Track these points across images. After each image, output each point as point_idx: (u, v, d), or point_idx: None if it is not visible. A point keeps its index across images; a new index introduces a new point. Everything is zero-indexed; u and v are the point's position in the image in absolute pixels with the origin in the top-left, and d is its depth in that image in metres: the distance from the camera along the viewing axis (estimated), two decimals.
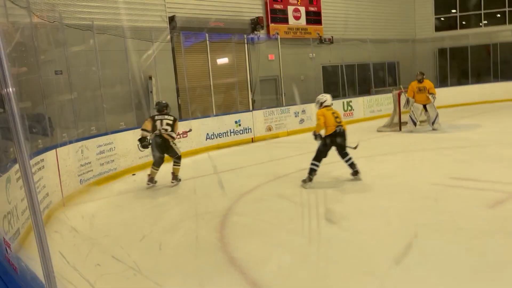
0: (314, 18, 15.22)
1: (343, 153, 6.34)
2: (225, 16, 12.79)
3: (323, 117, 6.17)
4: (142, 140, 6.88)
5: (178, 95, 11.65)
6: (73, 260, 3.94)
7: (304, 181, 6.20)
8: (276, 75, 14.14)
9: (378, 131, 11.72)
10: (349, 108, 14.38)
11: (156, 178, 7.08)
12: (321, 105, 6.42)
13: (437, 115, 10.83)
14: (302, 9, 14.81)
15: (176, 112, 11.48)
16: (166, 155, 7.12)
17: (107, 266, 3.87)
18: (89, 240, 4.56)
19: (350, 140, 6.37)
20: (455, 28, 19.15)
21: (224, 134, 11.06)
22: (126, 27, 9.97)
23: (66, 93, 7.32)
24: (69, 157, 6.55)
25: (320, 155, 6.21)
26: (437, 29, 19.21)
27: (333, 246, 3.91)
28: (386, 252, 3.68)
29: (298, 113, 12.81)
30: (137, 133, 8.68)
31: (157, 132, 6.86)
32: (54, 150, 6.09)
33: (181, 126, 9.36)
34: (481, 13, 18.99)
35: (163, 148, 6.93)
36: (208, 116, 11.14)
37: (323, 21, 15.47)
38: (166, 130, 6.90)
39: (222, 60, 13.06)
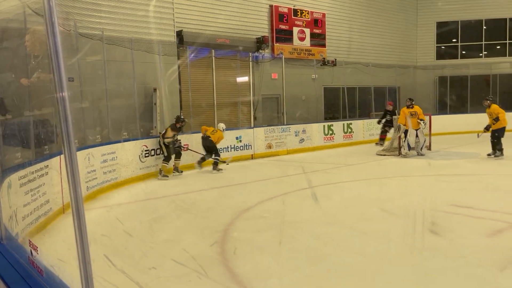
0: (319, 40, 15.48)
1: None
2: (231, 34, 13.00)
3: None
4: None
5: (181, 109, 11.74)
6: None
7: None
8: (278, 93, 14.30)
9: (378, 154, 11.82)
10: (349, 130, 14.50)
11: (157, 191, 7.14)
12: None
13: (425, 141, 11.15)
14: (307, 31, 15.07)
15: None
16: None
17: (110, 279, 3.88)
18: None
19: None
20: (456, 57, 19.49)
21: (224, 149, 11.11)
22: (134, 39, 10.13)
23: (76, 101, 7.40)
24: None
25: None
26: (438, 57, 19.55)
27: (332, 266, 3.94)
28: (385, 276, 3.71)
29: (298, 132, 12.91)
30: (139, 144, 8.77)
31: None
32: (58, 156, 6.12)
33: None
34: (481, 44, 19.37)
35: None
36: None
37: (327, 44, 15.73)
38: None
39: (241, 79, 13.21)
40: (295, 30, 14.75)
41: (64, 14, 7.72)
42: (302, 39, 14.95)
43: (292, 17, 14.64)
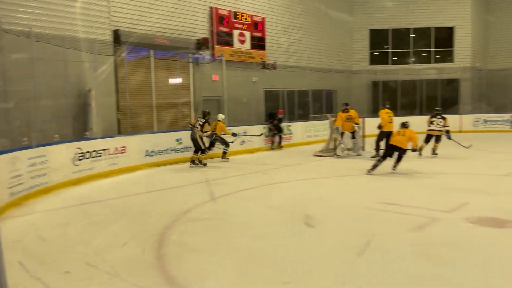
0: (258, 43, 15.70)
1: None
2: (171, 34, 12.82)
3: None
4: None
5: (118, 110, 11.37)
6: None
7: None
8: (219, 95, 14.31)
9: (315, 155, 12.21)
10: (289, 132, 14.84)
11: (91, 195, 6.85)
12: None
13: (361, 142, 11.92)
14: (247, 34, 15.23)
15: (115, 127, 11.20)
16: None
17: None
18: (15, 262, 4.29)
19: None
20: (387, 63, 20.66)
21: (164, 151, 10.92)
22: (67, 37, 9.66)
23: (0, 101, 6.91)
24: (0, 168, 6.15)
25: None
26: (372, 62, 20.60)
27: (270, 265, 4.02)
28: (322, 274, 3.85)
29: (238, 134, 12.98)
30: (73, 146, 8.37)
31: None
32: None
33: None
34: (410, 51, 20.69)
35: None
36: (149, 133, 10.97)
37: (266, 47, 16.00)
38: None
39: (174, 80, 13.02)
40: (236, 32, 14.85)
41: None
42: (242, 42, 15.09)
43: (232, 19, 14.73)
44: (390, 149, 8.92)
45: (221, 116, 11.82)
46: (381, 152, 10.04)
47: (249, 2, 15.44)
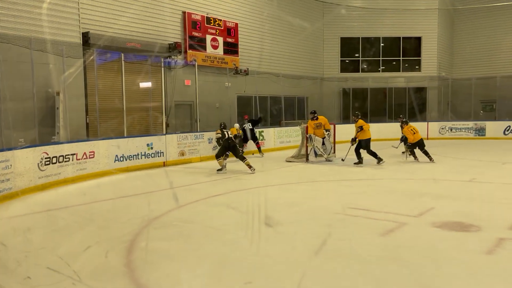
0: (231, 49, 15.73)
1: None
2: (143, 38, 12.68)
3: None
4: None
5: (87, 114, 11.12)
6: None
7: None
8: (191, 100, 14.23)
9: (287, 161, 12.30)
10: (261, 137, 14.89)
11: (58, 201, 6.65)
12: None
13: (331, 148, 12.07)
14: (220, 40, 15.24)
15: (84, 132, 10.95)
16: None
17: None
18: None
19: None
20: (357, 71, 21.11)
21: (134, 156, 10.74)
22: (34, 39, 9.40)
23: None
24: None
25: None
26: (342, 70, 21.00)
27: (240, 270, 4.01)
28: (289, 276, 3.88)
29: (211, 139, 12.93)
30: (39, 151, 8.12)
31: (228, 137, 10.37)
32: None
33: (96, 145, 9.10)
34: (379, 60, 21.22)
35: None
36: (119, 137, 10.78)
37: (239, 53, 16.05)
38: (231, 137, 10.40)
39: (143, 84, 12.86)
40: (208, 38, 14.83)
41: None
42: (215, 47, 15.08)
43: (205, 25, 14.71)
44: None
45: (236, 126, 12.65)
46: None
47: (222, 7, 15.47)
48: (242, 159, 10.40)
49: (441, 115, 20.89)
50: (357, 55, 21.16)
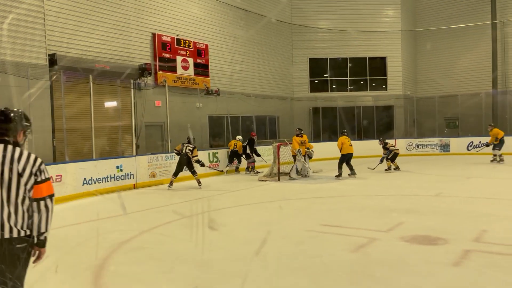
0: (202, 70, 15.81)
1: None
2: (112, 59, 12.58)
3: None
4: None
5: (53, 136, 10.84)
6: None
7: None
8: (162, 121, 14.13)
9: (259, 180, 12.33)
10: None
11: None
12: None
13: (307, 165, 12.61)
14: (191, 61, 15.31)
15: (51, 154, 10.65)
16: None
17: None
18: None
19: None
20: (326, 90, 21.59)
21: (103, 179, 10.51)
22: None
23: None
24: None
25: None
26: (312, 90, 21.42)
27: None
28: None
29: None
30: None
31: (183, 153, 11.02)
32: None
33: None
34: (347, 80, 21.80)
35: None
36: (87, 160, 10.54)
37: (210, 74, 16.14)
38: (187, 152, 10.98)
39: (110, 104, 12.67)
40: (179, 59, 14.87)
41: None
42: (185, 68, 15.12)
43: (176, 46, 14.76)
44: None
45: (239, 138, 14.26)
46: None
47: (193, 29, 15.60)
48: (194, 173, 11.19)
49: (408, 133, 21.53)
50: (326, 75, 21.66)
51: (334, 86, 21.75)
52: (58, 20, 11.22)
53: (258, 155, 14.77)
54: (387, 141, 13.69)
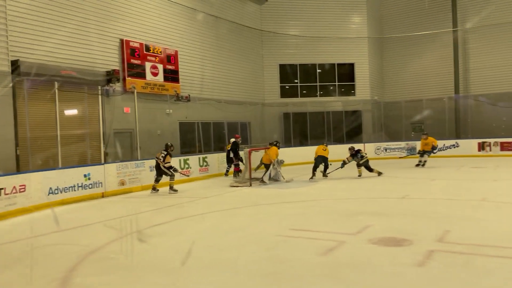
0: (172, 76, 15.69)
1: None
2: (78, 66, 12.31)
3: None
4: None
5: (17, 145, 10.50)
6: None
7: None
8: (132, 128, 13.92)
9: (231, 186, 12.30)
10: (205, 163, 14.81)
11: None
12: None
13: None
14: (160, 67, 15.17)
15: (14, 164, 10.31)
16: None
17: None
18: None
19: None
20: (297, 96, 21.84)
21: (70, 188, 10.23)
22: None
23: None
24: None
25: None
26: (282, 95, 21.62)
27: None
28: None
29: (152, 167, 12.65)
30: None
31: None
32: None
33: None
34: (317, 85, 22.13)
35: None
36: (53, 169, 10.25)
37: (180, 80, 16.03)
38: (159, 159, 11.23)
39: (71, 112, 12.36)
40: (148, 65, 14.71)
41: None
42: (155, 74, 14.97)
43: (144, 52, 14.60)
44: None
45: (232, 139, 14.79)
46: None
47: (162, 35, 15.48)
48: (157, 181, 11.49)
49: (376, 137, 22.03)
50: (296, 81, 21.92)
51: (304, 92, 22.03)
52: (21, 25, 10.90)
53: (240, 159, 14.53)
54: (357, 148, 13.47)
